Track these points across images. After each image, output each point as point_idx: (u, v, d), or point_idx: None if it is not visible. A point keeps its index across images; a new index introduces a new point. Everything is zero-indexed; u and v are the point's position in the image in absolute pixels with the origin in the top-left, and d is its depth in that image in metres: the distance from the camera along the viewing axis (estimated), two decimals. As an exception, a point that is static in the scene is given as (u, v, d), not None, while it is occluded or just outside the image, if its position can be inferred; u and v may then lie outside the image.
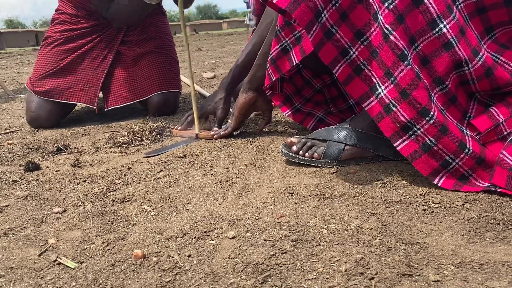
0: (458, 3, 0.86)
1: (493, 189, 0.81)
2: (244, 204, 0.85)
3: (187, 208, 0.86)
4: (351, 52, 0.87)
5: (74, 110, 1.94)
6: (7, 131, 1.69)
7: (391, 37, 0.81)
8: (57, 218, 0.87)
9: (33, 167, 1.17)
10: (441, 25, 0.82)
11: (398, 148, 0.86)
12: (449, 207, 0.78)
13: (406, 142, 0.85)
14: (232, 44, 6.74)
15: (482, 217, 0.73)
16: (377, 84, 0.86)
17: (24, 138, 1.56)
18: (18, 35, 21.04)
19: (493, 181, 0.81)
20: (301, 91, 1.32)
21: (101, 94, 1.77)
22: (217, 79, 2.85)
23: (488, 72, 0.85)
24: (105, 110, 1.75)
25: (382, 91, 0.85)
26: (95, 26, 1.75)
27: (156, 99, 1.74)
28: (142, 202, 0.91)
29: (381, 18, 0.82)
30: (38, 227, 0.83)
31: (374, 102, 0.87)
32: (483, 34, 0.90)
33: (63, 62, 1.71)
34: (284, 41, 1.06)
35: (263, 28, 1.31)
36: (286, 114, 1.29)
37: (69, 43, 1.73)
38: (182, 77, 2.22)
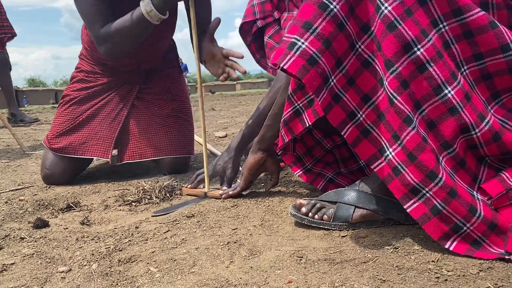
0: (463, 69, 0.89)
1: (507, 257, 0.78)
2: (251, 267, 0.83)
3: (193, 270, 0.84)
4: (358, 115, 0.90)
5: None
6: (19, 187, 1.71)
7: (396, 102, 0.84)
8: (62, 277, 0.85)
9: (41, 224, 1.17)
10: (446, 91, 0.84)
11: (408, 211, 0.85)
12: (463, 275, 0.75)
13: (415, 205, 0.84)
14: (244, 105, 6.89)
15: (498, 287, 0.70)
16: (385, 146, 0.88)
17: (35, 194, 1.57)
18: (38, 94, 21.90)
19: (507, 248, 0.79)
20: (312, 151, 1.32)
21: (114, 151, 1.79)
22: (228, 138, 2.89)
23: (496, 137, 0.86)
24: (118, 164, 1.77)
25: (390, 153, 0.86)
26: (111, 83, 1.81)
27: (167, 161, 1.77)
28: (147, 263, 0.89)
29: (386, 83, 0.85)
30: (42, 287, 0.82)
31: (383, 164, 0.88)
32: (490, 99, 0.91)
33: (79, 119, 1.76)
34: (296, 104, 1.09)
35: (274, 91, 1.35)
36: (297, 174, 1.29)
37: (85, 101, 1.78)
38: (195, 136, 2.26)
